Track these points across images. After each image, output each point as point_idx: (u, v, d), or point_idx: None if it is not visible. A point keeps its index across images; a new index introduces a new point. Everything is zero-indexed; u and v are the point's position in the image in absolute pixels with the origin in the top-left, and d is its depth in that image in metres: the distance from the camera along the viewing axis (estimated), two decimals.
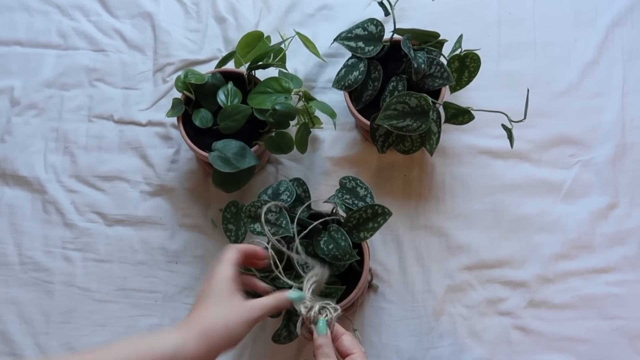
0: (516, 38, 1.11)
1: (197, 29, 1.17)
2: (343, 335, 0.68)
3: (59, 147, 1.11)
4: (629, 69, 1.08)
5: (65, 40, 1.17)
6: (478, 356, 0.96)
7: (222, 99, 0.96)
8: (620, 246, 0.99)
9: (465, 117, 0.93)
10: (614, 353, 0.95)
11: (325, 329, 0.68)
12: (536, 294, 0.98)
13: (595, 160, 1.04)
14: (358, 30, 0.96)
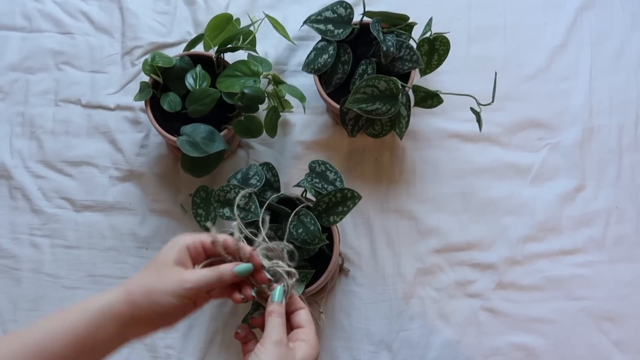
0: (486, 21, 1.12)
1: (166, 11, 1.15)
2: (301, 310, 0.66)
3: (25, 132, 1.09)
4: (596, 53, 1.09)
5: (30, 22, 1.14)
6: (447, 338, 0.97)
7: (190, 83, 0.95)
8: (586, 228, 1.01)
9: (434, 100, 0.93)
10: (580, 333, 0.97)
11: (282, 298, 0.65)
12: (504, 276, 0.99)
13: (563, 144, 1.05)
14: (327, 13, 0.95)
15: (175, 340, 0.98)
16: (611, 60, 1.09)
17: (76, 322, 0.56)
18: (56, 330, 0.56)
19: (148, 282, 0.60)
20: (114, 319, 0.58)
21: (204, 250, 0.64)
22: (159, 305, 0.59)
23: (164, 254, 0.62)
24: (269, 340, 0.60)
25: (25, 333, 0.56)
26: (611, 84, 1.08)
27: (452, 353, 0.96)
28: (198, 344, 0.98)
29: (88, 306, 0.57)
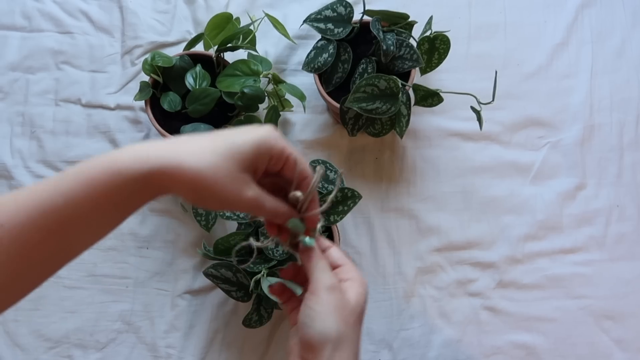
0: (486, 19, 1.11)
1: (166, 10, 1.15)
2: (332, 248, 0.60)
3: (26, 132, 1.08)
4: (597, 51, 1.09)
5: (29, 21, 1.14)
6: (448, 337, 0.97)
7: (190, 82, 0.95)
8: (587, 226, 1.01)
9: (435, 99, 0.93)
10: (581, 331, 0.97)
11: (313, 241, 0.58)
12: (505, 274, 0.99)
13: (563, 142, 1.05)
14: (327, 12, 0.95)
15: (176, 339, 0.98)
16: (612, 58, 1.09)
17: (107, 191, 0.48)
18: (81, 198, 0.48)
19: (209, 176, 0.49)
20: (152, 192, 0.50)
21: (282, 166, 0.54)
22: (201, 199, 0.51)
23: (244, 148, 0.50)
24: (320, 287, 0.54)
25: (45, 196, 0.48)
26: (612, 82, 1.08)
27: (452, 352, 0.96)
28: (199, 343, 0.98)
29: (120, 171, 0.48)
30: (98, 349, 0.99)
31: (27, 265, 0.48)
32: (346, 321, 0.54)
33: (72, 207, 0.48)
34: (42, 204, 0.47)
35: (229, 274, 0.87)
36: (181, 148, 0.50)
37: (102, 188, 0.48)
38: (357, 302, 0.55)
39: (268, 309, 0.89)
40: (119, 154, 0.49)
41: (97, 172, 0.48)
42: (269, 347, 0.97)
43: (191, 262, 1.01)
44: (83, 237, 0.50)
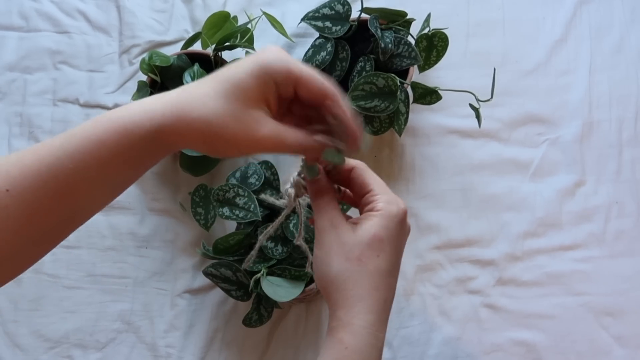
0: (484, 16, 1.11)
1: (164, 9, 1.14)
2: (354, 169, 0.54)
3: (24, 132, 1.08)
4: (596, 47, 1.09)
5: (27, 21, 1.14)
6: (448, 334, 0.97)
7: (188, 81, 0.95)
8: (586, 223, 1.01)
9: (433, 97, 0.92)
10: (580, 328, 0.97)
11: (315, 170, 0.53)
12: (504, 272, 0.99)
13: (562, 139, 1.04)
14: (325, 10, 0.94)
15: (176, 339, 0.98)
16: (611, 55, 1.09)
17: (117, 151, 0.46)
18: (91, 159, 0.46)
19: (214, 122, 0.46)
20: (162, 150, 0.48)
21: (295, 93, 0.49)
22: (215, 150, 0.49)
23: (246, 82, 0.47)
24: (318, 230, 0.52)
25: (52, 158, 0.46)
26: (611, 78, 1.07)
27: (452, 349, 0.96)
28: (199, 342, 0.98)
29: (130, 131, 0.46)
30: (98, 348, 0.99)
31: (37, 231, 0.47)
32: (347, 257, 0.51)
33: (81, 169, 0.46)
34: (48, 167, 0.45)
35: (228, 273, 0.87)
36: (185, 99, 0.47)
37: (111, 147, 0.46)
38: (364, 233, 0.51)
39: (268, 308, 0.89)
40: (125, 111, 0.47)
41: (105, 131, 0.46)
42: (269, 346, 0.97)
43: (190, 261, 1.01)
44: (93, 199, 0.49)
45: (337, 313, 0.51)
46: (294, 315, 0.98)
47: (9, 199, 0.45)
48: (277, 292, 0.83)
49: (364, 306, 0.50)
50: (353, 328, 0.50)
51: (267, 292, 0.82)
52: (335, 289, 0.51)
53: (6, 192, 0.45)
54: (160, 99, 0.48)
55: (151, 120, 0.46)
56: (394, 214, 0.53)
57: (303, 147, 0.49)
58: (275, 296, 0.83)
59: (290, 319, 0.98)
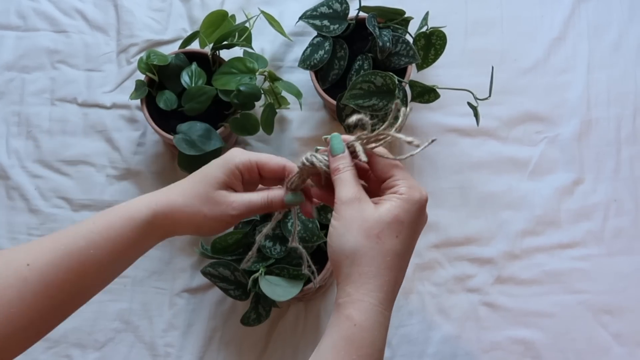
0: (483, 15, 1.11)
1: (161, 8, 1.14)
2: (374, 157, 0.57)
3: (22, 132, 1.08)
4: (594, 45, 1.09)
5: (24, 21, 1.14)
6: (446, 333, 0.97)
7: (186, 81, 0.95)
8: (585, 221, 1.01)
9: (431, 95, 0.92)
10: (579, 326, 0.97)
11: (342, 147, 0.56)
12: (503, 270, 0.99)
13: (561, 137, 1.04)
14: (323, 9, 0.94)
15: (175, 338, 0.98)
16: (609, 53, 1.09)
17: (122, 233, 0.57)
18: (100, 240, 0.56)
19: (192, 204, 0.59)
20: (158, 232, 0.59)
21: (258, 171, 0.62)
22: (200, 227, 0.61)
23: (214, 172, 0.61)
24: (338, 202, 0.54)
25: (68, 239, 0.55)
26: (609, 76, 1.07)
27: (451, 348, 0.96)
28: (197, 342, 0.98)
29: (132, 216, 0.57)
30: (97, 348, 0.99)
31: (50, 304, 0.53)
32: (367, 233, 0.51)
33: (93, 248, 0.55)
34: (65, 245, 0.54)
35: (226, 273, 0.87)
36: (171, 192, 0.60)
37: (118, 230, 0.56)
38: (386, 213, 0.52)
39: (266, 307, 0.89)
40: (129, 204, 0.58)
41: (113, 218, 0.57)
42: (267, 345, 0.97)
43: (189, 261, 1.01)
44: (99, 276, 0.57)
45: (346, 288, 0.51)
46: (293, 314, 0.98)
47: (28, 272, 0.52)
48: (276, 292, 0.83)
49: (377, 284, 0.51)
50: (363, 305, 0.51)
51: (266, 292, 0.82)
52: (349, 263, 0.51)
53: (27, 266, 0.52)
54: (154, 195, 0.60)
55: (148, 208, 0.58)
56: (416, 199, 0.54)
57: (268, 199, 0.61)
58: (273, 295, 0.83)
59: (289, 318, 0.98)
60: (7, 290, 0.50)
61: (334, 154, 0.56)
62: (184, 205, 0.59)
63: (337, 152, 0.56)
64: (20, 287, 0.51)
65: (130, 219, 0.57)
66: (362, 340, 0.50)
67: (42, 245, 0.54)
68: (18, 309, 0.50)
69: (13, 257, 0.52)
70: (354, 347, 0.50)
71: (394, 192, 0.54)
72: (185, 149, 0.91)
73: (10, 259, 0.52)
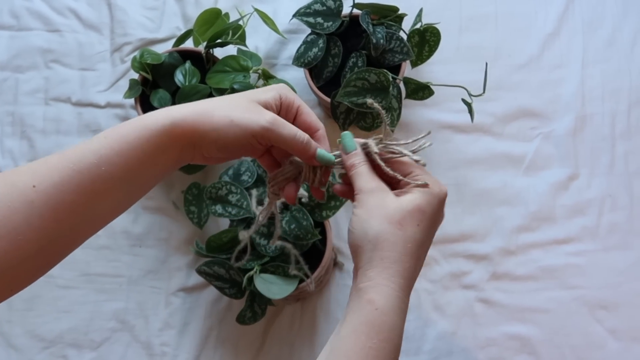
0: (477, 11, 1.11)
1: (155, 6, 1.14)
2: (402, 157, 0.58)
3: (16, 132, 1.08)
4: (588, 40, 1.09)
5: (18, 20, 1.13)
6: (442, 329, 0.97)
7: (179, 79, 0.95)
8: (580, 217, 1.01)
9: (425, 92, 0.92)
10: (575, 322, 0.97)
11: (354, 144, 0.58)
12: (498, 266, 0.99)
13: (555, 133, 1.04)
14: (317, 6, 0.94)
15: (171, 337, 0.98)
16: (603, 48, 1.08)
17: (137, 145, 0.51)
18: (112, 154, 0.50)
19: (220, 106, 0.54)
20: (177, 145, 0.53)
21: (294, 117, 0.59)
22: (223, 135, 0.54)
23: (259, 92, 0.57)
24: (359, 192, 0.55)
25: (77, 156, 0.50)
26: (603, 72, 1.07)
27: (447, 344, 0.96)
28: (194, 340, 0.98)
29: (148, 126, 0.52)
30: (93, 348, 0.99)
31: (60, 229, 0.48)
32: (389, 219, 0.53)
33: (105, 164, 0.49)
34: (74, 163, 0.48)
35: (221, 271, 0.87)
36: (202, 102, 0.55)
37: (131, 142, 0.50)
38: (408, 202, 0.54)
39: (262, 306, 0.89)
40: (145, 115, 0.53)
41: (126, 130, 0.51)
42: (263, 343, 0.97)
43: (184, 259, 1.01)
44: (112, 196, 0.51)
45: (368, 272, 0.52)
46: (289, 312, 0.98)
47: (35, 194, 0.47)
48: (271, 290, 0.83)
49: (397, 269, 0.52)
50: (385, 290, 0.52)
51: (261, 290, 0.82)
52: (371, 248, 0.52)
53: (33, 187, 0.47)
54: (180, 105, 0.55)
55: (166, 117, 0.52)
56: (437, 193, 0.55)
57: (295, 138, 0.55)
58: (268, 293, 0.82)
59: (285, 316, 0.98)
60: (13, 216, 0.46)
61: (347, 151, 0.58)
62: (211, 107, 0.54)
63: (350, 150, 0.58)
64: (26, 211, 0.46)
65: (145, 129, 0.51)
66: (382, 324, 0.51)
67: (49, 164, 0.49)
68: (26, 236, 0.46)
69: (17, 179, 0.47)
70: (374, 331, 0.51)
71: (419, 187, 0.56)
72: None
73: (14, 181, 0.47)
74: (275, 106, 0.57)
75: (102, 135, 0.52)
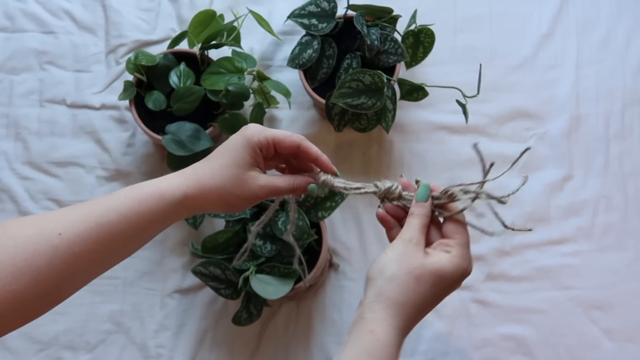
0: (471, 12, 1.11)
1: (150, 8, 1.14)
2: (449, 220, 0.64)
3: (10, 134, 1.08)
4: (582, 41, 1.09)
5: (12, 22, 1.13)
6: (438, 330, 0.97)
7: (174, 81, 0.95)
8: (575, 217, 1.01)
9: (420, 93, 0.92)
10: (570, 322, 0.97)
11: (427, 196, 0.63)
12: (494, 267, 0.99)
13: (550, 133, 1.05)
14: (311, 7, 0.94)
15: (167, 339, 0.98)
16: (597, 48, 1.09)
17: (153, 210, 0.58)
18: (131, 215, 0.57)
19: (224, 186, 0.61)
20: (187, 210, 0.61)
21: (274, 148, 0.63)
22: (230, 206, 0.63)
23: (240, 154, 0.61)
24: (400, 237, 0.61)
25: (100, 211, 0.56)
26: (598, 72, 1.07)
27: (442, 345, 0.96)
28: (189, 342, 0.98)
29: (164, 196, 0.58)
30: (88, 350, 0.98)
31: (75, 270, 0.54)
32: (409, 270, 0.58)
33: (125, 222, 0.56)
34: (97, 218, 0.55)
35: (217, 272, 0.87)
36: (201, 174, 0.61)
37: (149, 208, 0.57)
38: (431, 263, 0.59)
39: (257, 306, 0.89)
40: (159, 183, 0.60)
41: (145, 196, 0.58)
42: (259, 345, 0.97)
43: (180, 261, 1.01)
44: (125, 248, 0.59)
45: (374, 306, 0.57)
46: (285, 313, 0.98)
47: (59, 241, 0.53)
48: (267, 290, 0.83)
49: (401, 312, 0.57)
50: (387, 324, 0.57)
51: (257, 290, 0.82)
52: (383, 284, 0.58)
53: (59, 235, 0.53)
54: (184, 176, 0.61)
55: (180, 190, 0.59)
56: (462, 268, 0.60)
57: (293, 187, 0.64)
58: (264, 294, 0.82)
59: (281, 317, 0.98)
60: (37, 257, 0.51)
61: (418, 200, 0.63)
62: (216, 187, 0.60)
63: (419, 200, 0.63)
64: (50, 255, 0.52)
65: (161, 199, 0.58)
66: (381, 354, 0.55)
67: (74, 215, 0.55)
68: (46, 276, 0.52)
69: (45, 225, 0.53)
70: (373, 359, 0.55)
71: (447, 251, 0.60)
72: (175, 150, 0.91)
73: (42, 226, 0.53)
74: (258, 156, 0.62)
75: (122, 194, 0.58)
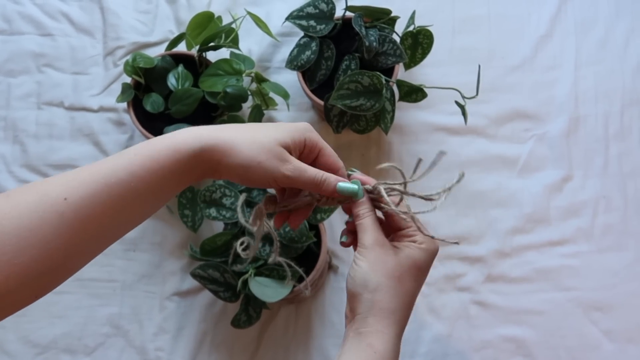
0: (470, 13, 1.11)
1: (148, 10, 1.14)
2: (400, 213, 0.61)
3: (8, 136, 1.07)
4: (581, 42, 1.09)
5: (10, 24, 1.13)
6: (438, 332, 0.97)
7: (172, 83, 0.94)
8: (574, 218, 1.01)
9: (419, 94, 0.92)
10: (570, 323, 0.97)
11: (362, 192, 0.61)
12: (493, 268, 0.99)
13: (549, 134, 1.04)
14: (309, 9, 0.94)
15: (165, 342, 0.98)
16: (596, 49, 1.09)
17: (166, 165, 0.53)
18: (142, 172, 0.52)
19: (250, 148, 0.55)
20: (202, 168, 0.55)
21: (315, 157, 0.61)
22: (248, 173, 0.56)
23: (281, 134, 0.58)
24: (363, 244, 0.59)
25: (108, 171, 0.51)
26: (596, 73, 1.07)
27: (442, 347, 0.96)
28: (188, 345, 0.98)
29: (178, 148, 0.53)
30: (87, 353, 0.98)
31: (86, 239, 0.50)
32: (389, 275, 0.58)
33: (136, 181, 0.51)
34: (105, 178, 0.50)
35: (216, 274, 0.86)
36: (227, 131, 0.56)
37: (163, 163, 0.52)
38: (406, 259, 0.59)
39: (256, 309, 0.88)
40: (176, 135, 0.54)
41: (158, 150, 0.53)
42: (258, 347, 0.97)
43: (179, 263, 1.01)
44: (137, 211, 0.54)
45: (368, 319, 0.57)
46: (284, 315, 0.98)
47: (66, 206, 0.49)
48: (265, 293, 0.83)
49: (395, 319, 0.58)
50: (384, 336, 0.57)
51: (255, 293, 0.82)
52: (370, 298, 0.57)
53: (64, 200, 0.49)
54: (203, 127, 0.56)
55: (196, 140, 0.54)
56: (432, 251, 0.61)
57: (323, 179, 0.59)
58: (263, 297, 0.82)
59: (280, 319, 0.98)
60: (43, 226, 0.48)
61: (357, 198, 0.61)
62: (242, 144, 0.55)
63: (359, 198, 0.61)
64: (56, 222, 0.48)
65: (175, 151, 0.53)
66: None
67: (80, 178, 0.50)
68: (55, 245, 0.48)
69: (48, 190, 0.49)
70: None
71: (412, 240, 0.61)
72: None
73: (47, 191, 0.49)
74: (299, 149, 0.60)
75: (132, 151, 0.53)
